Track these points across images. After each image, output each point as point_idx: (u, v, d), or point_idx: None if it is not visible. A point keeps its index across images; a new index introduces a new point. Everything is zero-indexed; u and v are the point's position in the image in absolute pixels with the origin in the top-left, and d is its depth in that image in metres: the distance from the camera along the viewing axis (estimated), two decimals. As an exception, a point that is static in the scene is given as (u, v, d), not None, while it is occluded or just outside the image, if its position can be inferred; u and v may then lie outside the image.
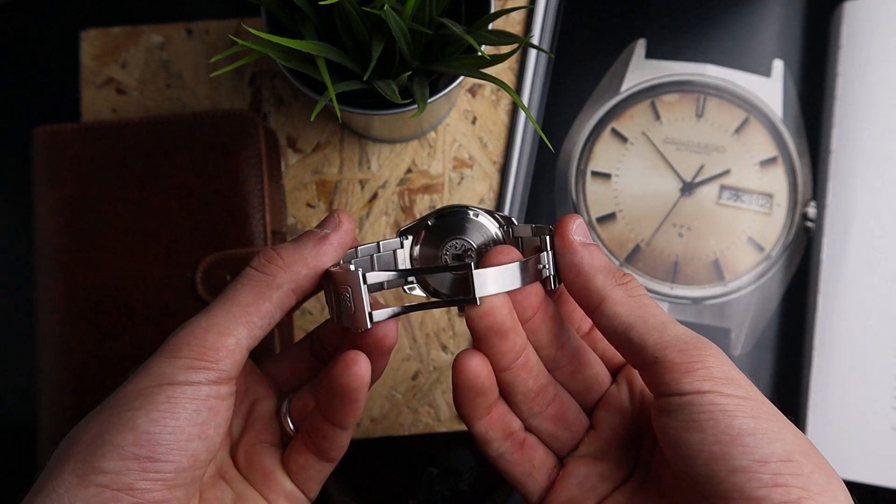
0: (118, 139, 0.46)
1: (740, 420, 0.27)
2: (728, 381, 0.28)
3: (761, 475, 0.27)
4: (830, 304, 0.49)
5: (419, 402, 0.49)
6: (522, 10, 0.52)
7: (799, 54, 0.52)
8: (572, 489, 0.33)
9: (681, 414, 0.28)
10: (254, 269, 0.31)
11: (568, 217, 0.31)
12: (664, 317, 0.30)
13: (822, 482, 0.27)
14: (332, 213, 0.33)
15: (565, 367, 0.33)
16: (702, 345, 0.29)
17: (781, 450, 0.27)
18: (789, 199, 0.51)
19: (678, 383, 0.28)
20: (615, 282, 0.30)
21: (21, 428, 0.50)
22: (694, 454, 0.28)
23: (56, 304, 0.45)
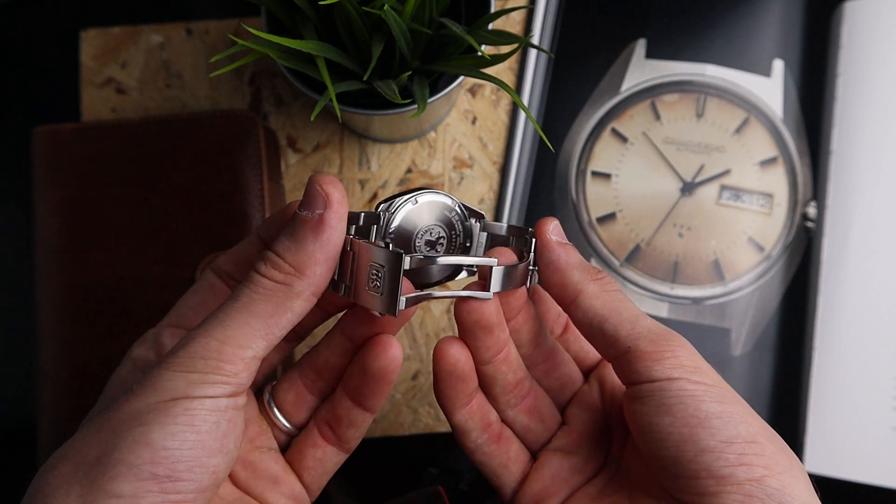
0: (118, 139, 0.46)
1: (707, 404, 0.29)
2: (696, 370, 0.30)
3: (727, 455, 0.28)
4: (830, 304, 0.49)
5: (419, 402, 0.49)
6: (522, 10, 0.52)
7: (799, 54, 0.52)
8: (545, 481, 0.34)
9: (652, 399, 0.30)
10: (267, 279, 0.29)
11: (545, 219, 0.33)
12: (636, 310, 0.32)
13: (784, 463, 0.29)
14: (312, 185, 0.30)
15: (541, 366, 0.35)
16: (672, 337, 0.31)
17: (746, 432, 0.29)
18: (789, 199, 0.51)
19: (649, 371, 0.30)
20: (590, 277, 0.32)
21: (21, 428, 0.50)
22: (664, 436, 0.29)
23: (56, 304, 0.45)
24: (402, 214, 0.33)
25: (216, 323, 0.28)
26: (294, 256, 0.29)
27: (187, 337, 0.28)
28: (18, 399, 0.50)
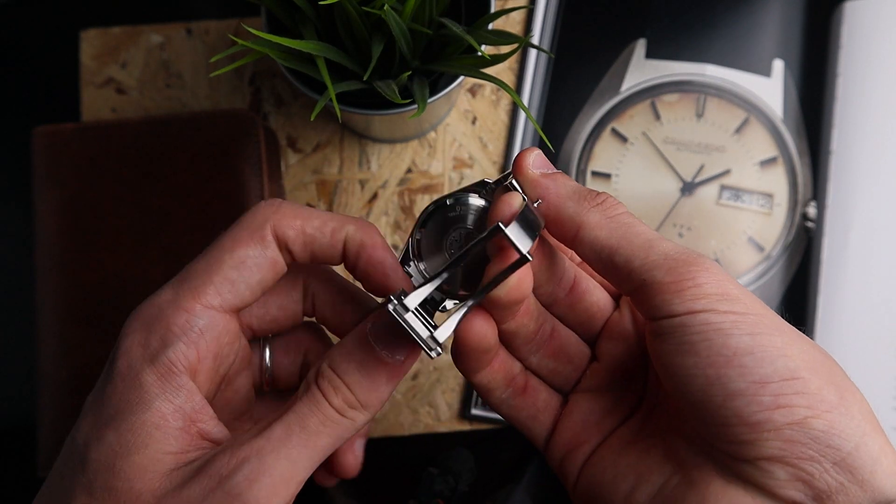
0: (118, 139, 0.46)
1: (737, 338, 0.25)
2: (723, 297, 0.26)
3: (762, 397, 0.25)
4: (830, 304, 0.49)
5: (419, 402, 0.49)
6: (522, 10, 0.52)
7: (799, 54, 0.52)
8: (576, 426, 0.32)
9: (673, 337, 0.26)
10: (335, 412, 0.27)
11: (523, 152, 0.29)
12: (650, 234, 0.28)
13: (832, 399, 0.25)
14: (399, 332, 0.27)
15: (563, 301, 0.32)
16: (693, 260, 0.26)
17: (784, 367, 0.25)
18: (789, 199, 0.51)
19: (668, 305, 0.26)
20: (589, 205, 0.28)
21: (21, 428, 0.50)
22: (689, 380, 0.26)
23: (56, 304, 0.45)
24: (423, 247, 0.31)
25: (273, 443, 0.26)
26: (366, 395, 0.28)
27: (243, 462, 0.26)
28: (18, 399, 0.50)
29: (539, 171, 0.29)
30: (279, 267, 0.29)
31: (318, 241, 0.29)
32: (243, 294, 0.29)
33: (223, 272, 0.28)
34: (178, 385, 0.27)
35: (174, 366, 0.27)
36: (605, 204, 0.28)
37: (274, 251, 0.29)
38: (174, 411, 0.27)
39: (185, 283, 0.29)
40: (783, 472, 0.25)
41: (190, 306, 0.28)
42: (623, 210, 0.28)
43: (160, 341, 0.28)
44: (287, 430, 0.27)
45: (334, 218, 0.30)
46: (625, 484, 0.29)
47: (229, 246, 0.29)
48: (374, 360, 0.28)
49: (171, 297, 0.28)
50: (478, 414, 0.49)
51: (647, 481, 0.29)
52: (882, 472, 0.25)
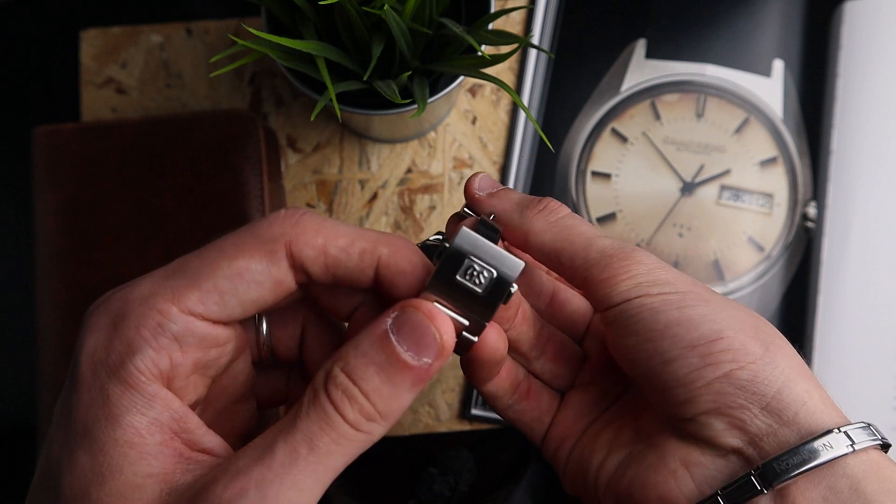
0: (118, 139, 0.46)
1: (666, 314, 0.28)
2: (654, 283, 0.28)
3: (690, 359, 0.27)
4: (830, 304, 0.49)
5: (419, 402, 0.49)
6: (522, 10, 0.52)
7: (799, 54, 0.52)
8: (568, 419, 0.33)
9: (616, 323, 0.29)
10: (351, 427, 0.24)
11: (470, 178, 0.32)
12: (589, 233, 0.30)
13: (757, 350, 0.27)
14: (424, 323, 0.25)
15: (545, 312, 0.34)
16: (625, 254, 0.29)
17: (709, 330, 0.27)
18: (789, 199, 0.51)
19: (608, 297, 0.29)
20: (531, 213, 0.30)
21: (21, 428, 0.50)
22: (633, 357, 0.29)
23: (56, 304, 0.45)
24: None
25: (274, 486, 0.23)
26: (386, 404, 0.25)
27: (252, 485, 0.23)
28: (18, 399, 0.50)
29: (485, 192, 0.32)
30: (284, 288, 0.26)
31: (344, 265, 0.26)
32: (232, 309, 0.25)
33: (215, 279, 0.25)
34: (150, 395, 0.24)
35: (142, 376, 0.24)
36: (546, 210, 0.30)
37: (282, 270, 0.26)
38: (149, 425, 0.24)
39: (167, 279, 0.25)
40: (720, 422, 0.27)
41: (165, 308, 0.24)
42: (564, 213, 0.31)
43: (126, 346, 0.24)
44: (292, 454, 0.23)
45: (364, 236, 0.26)
46: (599, 456, 0.32)
47: (230, 252, 0.25)
48: (397, 362, 0.24)
49: (147, 292, 0.25)
50: (478, 414, 0.49)
51: (617, 452, 0.31)
52: (807, 412, 0.27)
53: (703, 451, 0.28)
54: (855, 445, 0.26)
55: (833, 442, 0.26)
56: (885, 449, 0.28)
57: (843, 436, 0.26)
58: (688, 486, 0.28)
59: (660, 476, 0.29)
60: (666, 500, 0.28)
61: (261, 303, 0.26)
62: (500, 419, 0.48)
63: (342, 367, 0.24)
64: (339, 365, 0.25)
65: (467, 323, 0.27)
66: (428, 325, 0.25)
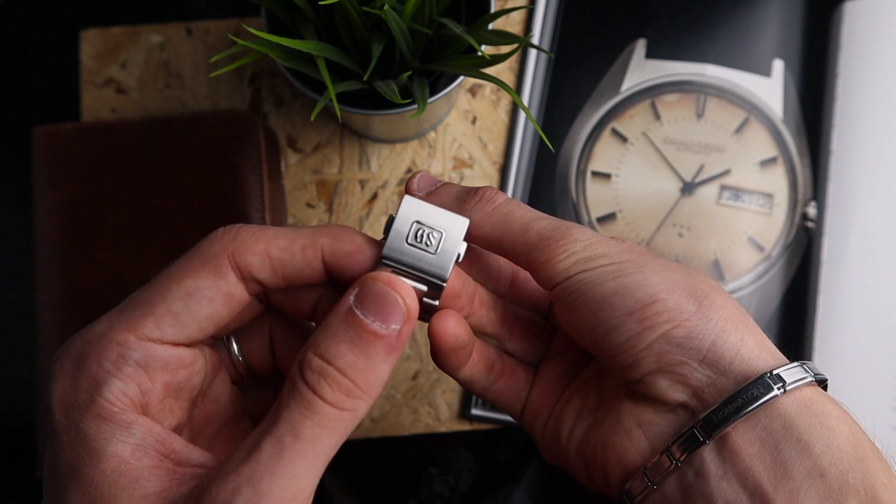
0: (118, 139, 0.46)
1: (603, 286, 0.29)
2: (591, 257, 0.29)
3: (630, 325, 0.28)
4: (830, 304, 0.49)
5: (419, 402, 0.49)
6: (522, 10, 0.52)
7: (799, 54, 0.52)
8: (544, 392, 0.34)
9: (561, 300, 0.30)
10: (332, 407, 0.24)
11: (409, 179, 0.32)
12: (525, 217, 0.30)
13: (690, 307, 0.28)
14: (385, 291, 0.26)
15: (507, 295, 0.34)
16: (560, 234, 0.30)
17: (644, 295, 0.28)
18: (789, 199, 0.51)
19: (550, 277, 0.29)
20: (469, 206, 0.31)
21: (21, 428, 0.50)
22: (580, 330, 0.30)
23: (56, 304, 0.45)
24: None
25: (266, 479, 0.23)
26: (364, 378, 0.25)
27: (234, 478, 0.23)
28: (18, 399, 0.50)
29: (424, 191, 0.32)
30: (237, 300, 0.27)
31: (290, 263, 0.27)
32: (189, 329, 0.26)
33: (166, 303, 0.26)
34: (127, 423, 0.24)
35: (113, 406, 0.24)
36: (483, 200, 0.31)
37: (230, 283, 0.26)
38: (134, 450, 0.24)
39: (122, 312, 0.26)
40: (664, 380, 0.29)
41: (122, 339, 0.25)
42: (501, 200, 0.31)
43: (91, 382, 0.25)
44: (278, 445, 0.24)
45: (301, 233, 0.27)
46: (568, 424, 0.33)
47: (178, 275, 0.26)
48: (366, 333, 0.25)
49: (105, 328, 0.25)
50: (478, 414, 0.49)
51: (583, 419, 0.32)
52: (741, 359, 0.28)
53: (654, 409, 0.29)
54: (786, 386, 0.27)
55: (765, 385, 0.27)
56: (822, 385, 0.29)
57: (775, 378, 0.27)
58: (642, 444, 0.29)
59: (617, 437, 0.30)
60: (623, 458, 0.30)
61: (216, 318, 0.27)
62: (501, 419, 0.48)
63: (314, 350, 0.25)
64: (311, 350, 0.25)
65: (425, 288, 0.29)
66: (389, 292, 0.26)
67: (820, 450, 0.26)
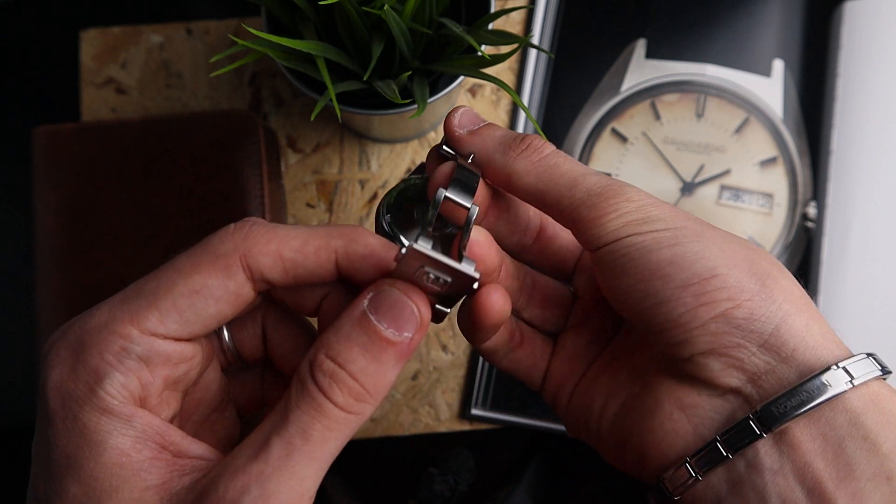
0: (118, 139, 0.46)
1: (657, 252, 0.27)
2: (645, 220, 0.27)
3: (685, 299, 0.26)
4: (830, 304, 0.49)
5: (419, 402, 0.49)
6: (522, 10, 0.52)
7: (799, 54, 0.52)
8: (564, 363, 0.33)
9: (607, 264, 0.28)
10: (341, 410, 0.24)
11: (450, 114, 0.30)
12: (575, 171, 0.29)
13: (752, 287, 0.26)
14: (401, 299, 0.25)
15: (532, 248, 0.33)
16: (612, 192, 0.28)
17: (703, 268, 0.26)
18: (789, 199, 0.51)
19: (597, 237, 0.28)
20: (514, 153, 0.29)
21: (21, 428, 0.50)
22: (625, 298, 0.28)
23: (56, 304, 0.45)
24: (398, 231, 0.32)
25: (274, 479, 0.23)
26: (374, 382, 0.25)
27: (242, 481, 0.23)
28: (18, 399, 0.50)
29: (466, 129, 0.30)
30: (243, 299, 0.26)
31: (302, 265, 0.27)
32: (193, 325, 0.26)
33: (172, 298, 0.25)
34: (128, 416, 0.24)
35: (114, 400, 0.24)
36: (529, 149, 0.29)
37: (239, 282, 0.26)
38: (134, 443, 0.24)
39: (125, 303, 0.25)
40: (717, 362, 0.27)
41: (125, 331, 0.25)
42: (548, 151, 0.29)
43: (92, 374, 0.24)
44: (287, 447, 0.24)
45: (316, 233, 0.27)
46: (599, 401, 0.31)
47: (186, 269, 0.25)
48: (379, 340, 0.25)
49: (106, 318, 0.25)
50: (478, 414, 0.49)
51: (616, 396, 0.31)
52: (805, 347, 0.26)
53: (699, 392, 0.28)
54: (854, 381, 0.26)
55: (831, 379, 0.25)
56: (885, 375, 0.27)
57: (842, 372, 0.26)
58: (685, 429, 0.28)
59: (657, 421, 0.28)
60: (663, 444, 0.28)
61: (220, 317, 0.26)
62: (501, 419, 0.48)
63: (326, 352, 0.25)
64: (322, 351, 0.25)
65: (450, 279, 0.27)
66: (406, 300, 0.25)
67: (888, 450, 0.25)
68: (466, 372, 0.49)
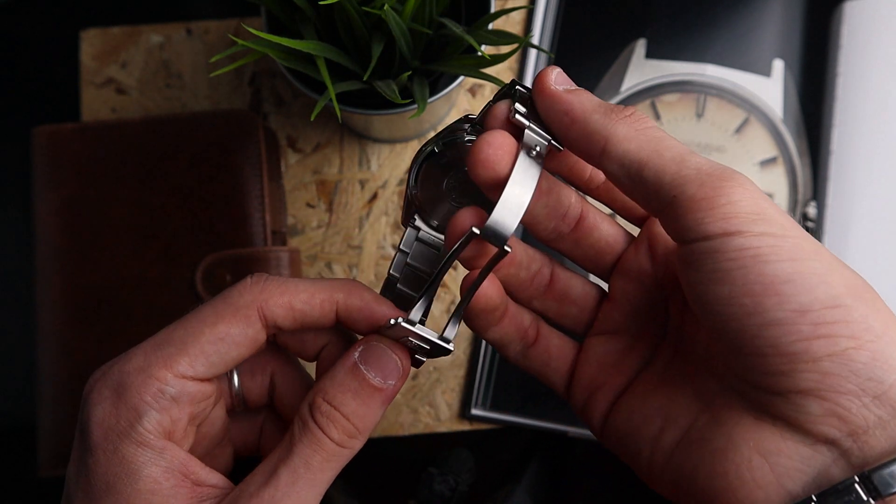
0: (118, 139, 0.46)
1: (774, 265, 0.23)
2: (759, 218, 0.24)
3: (800, 326, 0.23)
4: (830, 304, 0.49)
5: (419, 402, 0.49)
6: (522, 9, 0.52)
7: (799, 54, 0.52)
8: (593, 369, 0.31)
9: (706, 264, 0.24)
10: (336, 445, 0.28)
11: (544, 71, 0.27)
12: (681, 148, 0.25)
13: (877, 327, 0.23)
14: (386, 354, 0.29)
15: (568, 236, 0.30)
16: (727, 175, 0.24)
17: (825, 295, 0.23)
18: (789, 199, 0.51)
19: (700, 224, 0.24)
20: (616, 118, 0.26)
21: (21, 428, 0.50)
22: (724, 309, 0.24)
23: (56, 305, 0.45)
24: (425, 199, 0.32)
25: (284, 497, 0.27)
26: (363, 422, 0.29)
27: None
28: (18, 399, 0.50)
29: (562, 86, 0.27)
30: (259, 343, 0.30)
31: (309, 315, 0.30)
32: (217, 367, 0.29)
33: (200, 345, 0.29)
34: (160, 449, 0.28)
35: (150, 434, 0.28)
36: (633, 116, 0.26)
37: (257, 330, 0.29)
38: (164, 473, 0.28)
39: (158, 349, 0.29)
40: (818, 406, 0.23)
41: (161, 375, 0.28)
42: (652, 124, 0.26)
43: (133, 412, 0.28)
44: (293, 475, 0.28)
45: (320, 287, 0.30)
46: (652, 427, 0.28)
47: (211, 320, 0.29)
48: (368, 387, 0.29)
49: (142, 364, 0.28)
50: (478, 414, 0.49)
51: (675, 423, 0.27)
52: None
53: (784, 436, 0.24)
54: None
55: None
56: None
57: None
58: (766, 479, 0.24)
59: (731, 465, 0.25)
60: (739, 493, 0.25)
61: (240, 358, 0.30)
62: (501, 419, 0.48)
63: (324, 396, 0.29)
64: (321, 395, 0.29)
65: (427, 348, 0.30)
66: (390, 354, 0.29)
67: None
68: (466, 372, 0.49)
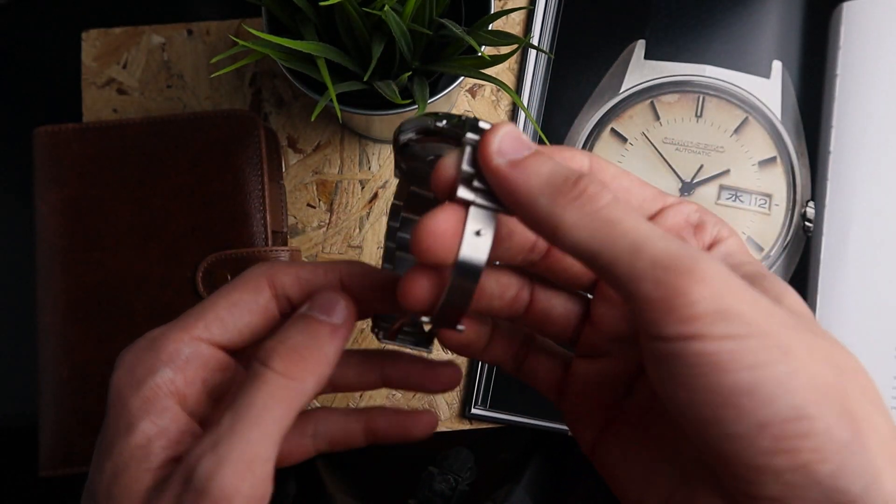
0: (119, 139, 0.46)
1: (734, 375, 0.22)
2: (720, 316, 0.22)
3: (761, 442, 0.22)
4: (829, 304, 0.49)
5: (419, 401, 0.49)
6: (522, 10, 0.52)
7: (798, 55, 0.52)
8: (578, 392, 0.30)
9: (666, 366, 0.23)
10: (277, 374, 0.27)
11: (487, 135, 0.24)
12: (638, 232, 0.23)
13: (844, 436, 0.22)
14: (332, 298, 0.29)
15: (540, 263, 0.29)
16: (686, 267, 0.22)
17: (787, 407, 0.22)
18: (788, 200, 0.51)
19: (658, 326, 0.22)
20: (564, 200, 0.23)
21: (21, 428, 0.50)
22: (683, 412, 0.23)
23: (57, 304, 0.45)
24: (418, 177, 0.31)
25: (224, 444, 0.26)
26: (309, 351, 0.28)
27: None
28: (19, 398, 0.50)
29: (507, 158, 0.24)
30: (270, 314, 0.31)
31: (314, 283, 0.31)
32: (231, 333, 0.30)
33: (215, 311, 0.30)
34: (164, 408, 0.28)
35: (159, 389, 0.28)
36: (583, 197, 0.24)
37: (267, 298, 0.31)
38: (158, 432, 0.28)
39: (178, 321, 0.30)
40: None
41: (177, 337, 0.29)
42: (605, 202, 0.24)
43: (147, 370, 0.29)
44: (234, 416, 0.27)
45: (324, 263, 0.32)
46: (635, 488, 0.28)
47: (225, 293, 0.31)
48: (313, 321, 0.29)
49: (165, 329, 0.30)
50: (478, 414, 0.49)
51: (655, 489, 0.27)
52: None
53: None
54: None
55: None
56: None
57: None
58: None
59: None
60: None
61: (253, 327, 0.31)
62: (501, 419, 0.48)
63: (269, 339, 0.29)
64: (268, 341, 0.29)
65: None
66: (337, 297, 0.30)
67: None
68: (466, 371, 0.49)
